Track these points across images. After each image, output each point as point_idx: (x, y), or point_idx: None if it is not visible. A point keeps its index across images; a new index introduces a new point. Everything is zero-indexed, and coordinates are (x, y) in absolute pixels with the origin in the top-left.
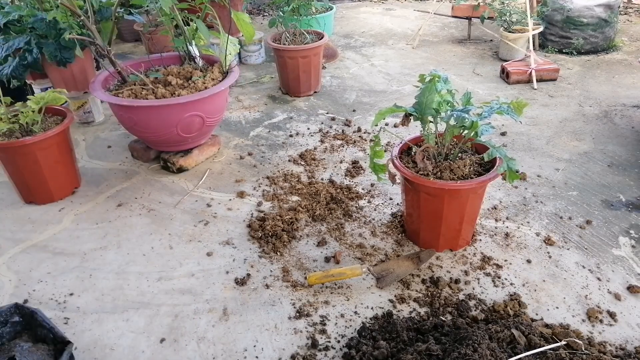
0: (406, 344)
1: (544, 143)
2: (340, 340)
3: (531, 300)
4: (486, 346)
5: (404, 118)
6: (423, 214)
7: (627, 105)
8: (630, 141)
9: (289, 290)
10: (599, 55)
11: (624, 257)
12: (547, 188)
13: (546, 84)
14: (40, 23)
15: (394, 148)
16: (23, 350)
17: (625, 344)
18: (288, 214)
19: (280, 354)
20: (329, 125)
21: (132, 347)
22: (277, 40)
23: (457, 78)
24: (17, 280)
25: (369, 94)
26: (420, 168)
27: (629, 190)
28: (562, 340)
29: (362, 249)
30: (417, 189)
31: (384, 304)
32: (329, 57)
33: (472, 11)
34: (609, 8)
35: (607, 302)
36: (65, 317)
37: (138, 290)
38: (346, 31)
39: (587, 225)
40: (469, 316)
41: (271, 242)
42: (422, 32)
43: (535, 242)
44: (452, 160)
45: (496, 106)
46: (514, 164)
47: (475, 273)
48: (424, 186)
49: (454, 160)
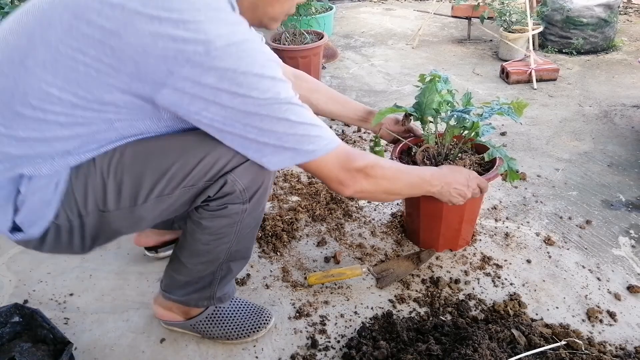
0: (406, 344)
1: (543, 143)
2: (340, 340)
3: (531, 300)
4: (486, 346)
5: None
6: (423, 214)
7: (627, 105)
8: (630, 141)
9: (288, 290)
10: (598, 55)
11: (623, 257)
12: (547, 188)
13: (546, 84)
14: None
15: (394, 148)
16: (23, 351)
17: (625, 344)
18: (288, 214)
19: (280, 354)
20: (328, 125)
21: (132, 347)
22: (277, 40)
23: (457, 78)
24: (17, 280)
25: (369, 94)
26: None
27: (629, 190)
28: (562, 340)
29: (362, 249)
30: None
31: (384, 304)
32: (329, 57)
33: (472, 11)
34: (608, 8)
35: (607, 302)
36: (65, 317)
37: (138, 290)
38: (346, 31)
39: (587, 225)
40: (469, 316)
41: (271, 242)
42: (422, 32)
43: (535, 242)
44: (452, 161)
45: (497, 107)
46: (515, 164)
47: (475, 273)
48: None
49: (454, 160)
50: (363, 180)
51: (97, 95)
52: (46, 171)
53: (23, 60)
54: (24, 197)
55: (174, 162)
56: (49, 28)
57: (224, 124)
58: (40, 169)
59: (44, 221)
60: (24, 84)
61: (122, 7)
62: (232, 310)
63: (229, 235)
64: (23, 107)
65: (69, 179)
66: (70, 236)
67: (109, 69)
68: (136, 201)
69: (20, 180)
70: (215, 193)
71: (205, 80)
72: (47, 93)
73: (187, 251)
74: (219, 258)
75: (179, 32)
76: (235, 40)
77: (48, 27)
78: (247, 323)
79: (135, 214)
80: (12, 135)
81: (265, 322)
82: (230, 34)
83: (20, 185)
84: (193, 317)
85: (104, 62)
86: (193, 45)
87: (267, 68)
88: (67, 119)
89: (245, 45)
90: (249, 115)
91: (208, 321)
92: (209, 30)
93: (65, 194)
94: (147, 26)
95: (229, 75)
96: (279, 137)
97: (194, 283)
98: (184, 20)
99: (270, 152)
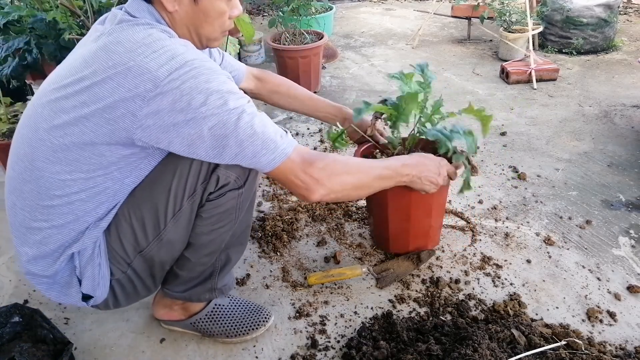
0: (406, 344)
1: (543, 143)
2: (340, 340)
3: (531, 300)
4: (486, 346)
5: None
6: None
7: (627, 105)
8: (630, 141)
9: (288, 290)
10: (598, 55)
11: (623, 257)
12: (547, 188)
13: (546, 84)
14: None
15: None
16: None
17: (625, 344)
18: (288, 214)
19: (280, 354)
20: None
21: (132, 347)
22: (277, 40)
23: (457, 78)
24: (17, 280)
25: (369, 94)
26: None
27: (629, 190)
28: (562, 340)
29: (362, 249)
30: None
31: (383, 304)
32: (329, 57)
33: (471, 11)
34: (608, 8)
35: (607, 302)
36: (65, 317)
37: None
38: (346, 31)
39: (587, 225)
40: (469, 316)
41: (271, 242)
42: (422, 32)
43: (535, 242)
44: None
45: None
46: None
47: (475, 273)
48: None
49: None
50: (326, 180)
51: (97, 161)
52: (88, 242)
53: (33, 163)
54: (82, 270)
55: (171, 179)
56: (37, 128)
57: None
58: (83, 243)
59: (105, 281)
60: (44, 182)
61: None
62: (231, 309)
63: (230, 221)
64: (51, 200)
65: (104, 239)
66: (133, 284)
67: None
68: (159, 229)
69: (73, 258)
70: (214, 188)
71: (162, 109)
72: (62, 180)
73: (190, 247)
74: (220, 247)
75: (129, 80)
76: (176, 66)
77: (36, 127)
78: (246, 321)
79: (164, 240)
80: (53, 226)
81: (264, 320)
82: (170, 61)
83: (74, 262)
84: (193, 314)
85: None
86: (142, 85)
87: (212, 82)
88: (87, 193)
89: (186, 67)
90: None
91: (208, 319)
92: (150, 66)
93: (109, 252)
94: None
95: (178, 98)
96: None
97: (195, 277)
98: (128, 67)
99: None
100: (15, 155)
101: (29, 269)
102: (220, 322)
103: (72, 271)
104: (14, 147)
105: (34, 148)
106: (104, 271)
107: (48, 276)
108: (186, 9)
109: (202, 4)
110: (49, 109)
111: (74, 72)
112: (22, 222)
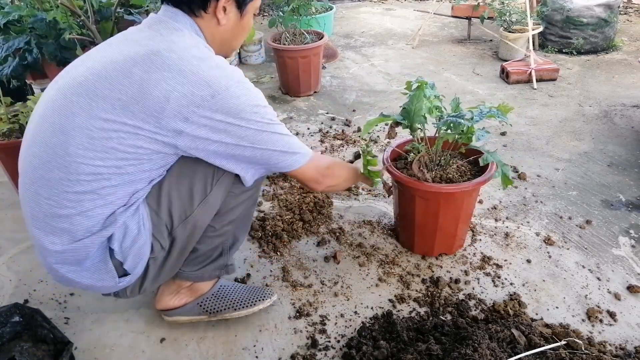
0: (406, 343)
1: (543, 143)
2: (340, 340)
3: (531, 300)
4: (486, 346)
5: (390, 130)
6: (418, 219)
7: (627, 105)
8: (630, 141)
9: (288, 290)
10: (598, 55)
11: (623, 257)
12: (547, 188)
13: (546, 84)
14: (40, 23)
15: (384, 153)
16: (23, 351)
17: (625, 344)
18: (288, 214)
19: (280, 354)
20: (328, 125)
21: (132, 347)
22: (277, 40)
23: (457, 78)
24: (17, 280)
25: (369, 94)
26: (419, 178)
27: (629, 190)
28: (562, 340)
29: (361, 248)
30: (411, 194)
31: (384, 304)
32: (329, 57)
33: (472, 11)
34: (608, 8)
35: (607, 301)
36: (65, 317)
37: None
38: (346, 31)
39: (587, 225)
40: (469, 316)
41: (271, 242)
42: (422, 32)
43: (535, 242)
44: (444, 167)
45: (485, 110)
46: (508, 170)
47: (475, 273)
48: (419, 190)
49: (445, 166)
50: (329, 177)
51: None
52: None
53: (66, 150)
54: (127, 249)
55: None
56: (73, 116)
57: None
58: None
59: (145, 258)
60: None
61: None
62: (236, 287)
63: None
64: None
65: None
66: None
67: (135, 129)
68: (206, 193)
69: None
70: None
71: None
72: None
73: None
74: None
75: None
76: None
77: (72, 115)
78: (251, 295)
79: (208, 203)
80: (81, 212)
81: (269, 295)
82: (226, 77)
83: (113, 244)
84: (201, 295)
85: (129, 124)
86: (200, 92)
87: (259, 99)
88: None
89: (239, 84)
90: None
91: (214, 297)
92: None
93: (153, 227)
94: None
95: (233, 111)
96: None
97: (210, 253)
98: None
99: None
100: (43, 144)
101: (58, 257)
102: (227, 298)
103: (105, 254)
104: (41, 136)
105: (67, 135)
106: (147, 248)
107: (79, 261)
108: (232, 23)
109: (245, 19)
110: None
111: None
112: (47, 211)
